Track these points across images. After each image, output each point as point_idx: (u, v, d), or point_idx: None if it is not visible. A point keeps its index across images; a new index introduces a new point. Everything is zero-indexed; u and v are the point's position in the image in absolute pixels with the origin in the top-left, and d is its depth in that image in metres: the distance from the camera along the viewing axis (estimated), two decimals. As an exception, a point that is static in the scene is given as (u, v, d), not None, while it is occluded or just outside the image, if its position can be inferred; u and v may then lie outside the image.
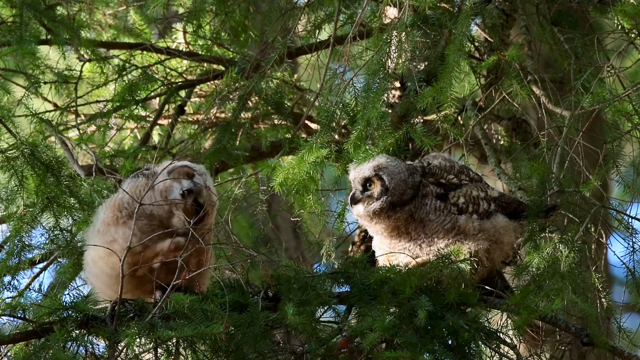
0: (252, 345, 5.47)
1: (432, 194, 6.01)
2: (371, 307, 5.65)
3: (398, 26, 6.57)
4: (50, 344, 5.43)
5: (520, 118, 7.96)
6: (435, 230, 5.95)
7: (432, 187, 6.03)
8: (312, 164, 6.31)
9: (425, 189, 6.02)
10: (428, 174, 6.09)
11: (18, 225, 6.62)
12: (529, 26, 7.28)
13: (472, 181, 6.15)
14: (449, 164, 6.16)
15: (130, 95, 7.99)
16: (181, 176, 5.73)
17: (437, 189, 6.04)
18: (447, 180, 6.10)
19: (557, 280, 5.79)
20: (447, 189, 6.05)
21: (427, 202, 5.99)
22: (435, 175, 6.10)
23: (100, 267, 5.69)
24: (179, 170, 5.76)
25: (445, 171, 6.12)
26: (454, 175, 6.13)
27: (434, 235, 5.94)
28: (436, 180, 6.08)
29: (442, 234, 5.95)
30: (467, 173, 6.18)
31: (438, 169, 6.11)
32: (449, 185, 6.07)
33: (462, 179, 6.13)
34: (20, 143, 6.66)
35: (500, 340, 5.77)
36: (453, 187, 6.07)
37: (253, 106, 8.05)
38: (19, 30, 7.45)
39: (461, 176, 6.14)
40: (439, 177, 6.09)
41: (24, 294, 6.07)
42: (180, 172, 5.75)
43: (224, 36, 8.31)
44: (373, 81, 6.46)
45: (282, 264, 5.88)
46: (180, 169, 5.76)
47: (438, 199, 6.00)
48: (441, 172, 6.11)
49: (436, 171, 6.11)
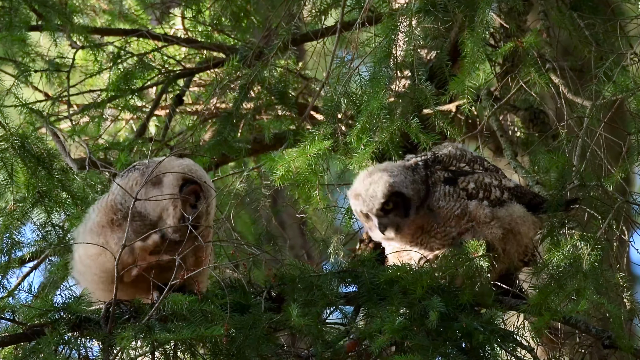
0: (254, 349, 5.46)
1: (440, 180, 6.00)
2: (380, 308, 5.64)
3: (406, 11, 6.55)
4: (41, 347, 5.41)
5: (538, 108, 7.95)
6: (447, 217, 5.93)
7: (439, 173, 6.02)
8: (314, 156, 6.29)
9: (433, 176, 6.00)
10: (434, 163, 6.06)
11: (7, 221, 6.62)
12: (547, 11, 7.27)
13: (487, 170, 6.13)
14: (460, 152, 6.15)
15: (125, 84, 7.99)
16: (189, 197, 5.68)
17: (446, 173, 6.02)
18: (457, 167, 6.08)
19: (579, 279, 5.76)
20: (457, 174, 6.04)
21: (436, 189, 5.98)
22: (442, 163, 6.08)
23: (89, 265, 5.67)
24: (191, 188, 5.69)
25: (454, 159, 6.12)
26: (465, 163, 6.12)
27: (446, 224, 5.93)
28: (444, 167, 6.06)
29: (454, 221, 5.93)
30: (482, 163, 6.17)
31: (446, 156, 6.11)
32: (459, 171, 6.06)
33: (475, 168, 6.11)
34: (10, 135, 6.65)
35: (516, 342, 5.75)
36: (464, 173, 6.05)
37: (255, 96, 8.03)
38: (8, 16, 7.45)
39: (474, 165, 6.13)
40: (448, 165, 6.08)
41: (13, 295, 6.06)
42: (190, 191, 5.69)
43: (224, 22, 8.31)
44: (379, 70, 6.44)
45: (286, 263, 5.87)
46: (190, 188, 5.69)
47: (446, 184, 5.99)
48: (450, 160, 6.11)
49: (444, 158, 6.09)
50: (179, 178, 5.65)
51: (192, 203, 5.65)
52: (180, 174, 5.67)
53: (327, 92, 6.79)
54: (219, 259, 6.70)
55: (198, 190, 5.68)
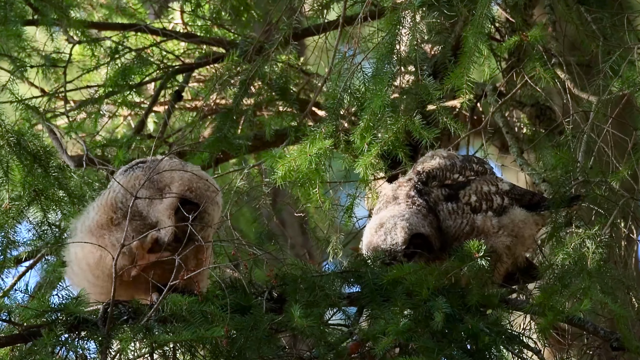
0: (255, 350, 5.45)
1: (440, 198, 5.96)
2: (384, 309, 5.62)
3: (408, 5, 6.53)
4: (37, 348, 5.40)
5: (544, 104, 7.94)
6: (456, 237, 5.90)
7: (437, 191, 5.98)
8: (315, 155, 6.27)
9: (431, 196, 5.97)
10: (429, 180, 6.03)
11: (3, 219, 6.61)
12: (553, 5, 7.26)
13: (478, 174, 6.10)
14: (449, 162, 6.11)
15: (123, 80, 7.99)
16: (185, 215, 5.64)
17: (444, 190, 5.99)
18: (452, 180, 6.05)
19: (584, 278, 5.75)
20: (455, 188, 6.01)
21: (439, 209, 5.95)
22: (437, 178, 6.04)
23: (84, 269, 5.65)
24: (188, 209, 5.64)
25: (447, 170, 6.07)
26: (457, 173, 6.08)
27: (456, 243, 5.89)
28: (441, 183, 6.03)
29: (463, 238, 5.89)
30: (471, 167, 6.12)
31: (438, 170, 6.06)
32: (456, 184, 6.03)
33: (467, 175, 6.08)
34: (5, 131, 6.64)
35: (523, 344, 5.73)
36: (461, 185, 6.02)
37: (256, 92, 8.03)
38: (3, 10, 7.44)
39: (465, 172, 6.10)
40: (443, 179, 6.04)
41: (9, 295, 6.05)
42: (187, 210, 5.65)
43: (224, 16, 8.31)
44: (382, 66, 6.42)
45: (287, 263, 5.85)
46: (187, 208, 5.65)
47: (448, 201, 5.95)
48: (443, 173, 6.06)
49: (437, 173, 6.05)
50: (177, 199, 5.60)
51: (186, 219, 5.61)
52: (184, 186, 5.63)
53: (329, 88, 6.77)
54: (219, 258, 6.68)
55: (195, 209, 5.63)
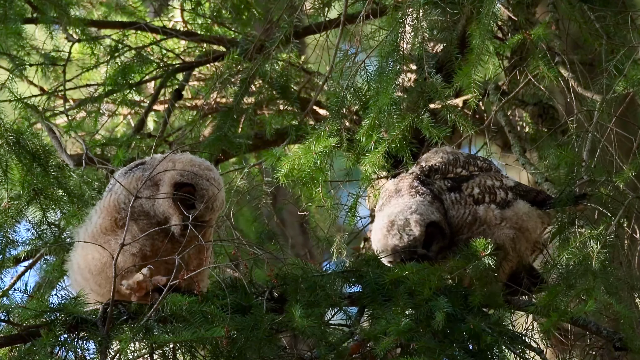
0: (256, 351, 5.44)
1: (443, 189, 5.96)
2: (385, 308, 5.62)
3: (412, 3, 6.52)
4: (36, 349, 5.40)
5: (547, 103, 7.94)
6: (459, 227, 5.90)
7: (440, 183, 5.99)
8: (320, 154, 6.27)
9: (434, 186, 5.97)
10: (432, 173, 6.03)
11: (2, 219, 6.62)
12: (556, 3, 7.26)
13: (482, 170, 6.10)
14: (453, 157, 6.12)
15: (123, 78, 7.99)
16: (187, 196, 5.63)
17: (446, 181, 5.99)
18: (455, 174, 6.05)
19: (589, 279, 5.74)
20: (458, 181, 6.01)
21: (442, 199, 5.94)
22: (440, 171, 6.04)
23: (91, 272, 5.65)
24: (185, 190, 5.63)
25: (450, 165, 6.08)
26: (461, 167, 6.08)
27: (458, 233, 5.89)
28: (443, 176, 6.03)
29: (466, 228, 5.89)
30: (475, 163, 6.13)
31: (442, 164, 6.06)
32: (458, 178, 6.03)
33: (471, 171, 6.08)
34: (5, 130, 6.64)
35: (525, 344, 5.72)
36: (464, 179, 6.02)
37: (256, 90, 8.03)
38: (3, 8, 7.45)
39: (469, 167, 6.10)
40: (445, 172, 6.05)
41: (7, 295, 6.04)
42: (185, 192, 5.64)
43: (225, 14, 8.31)
44: (386, 64, 6.41)
45: (288, 262, 5.84)
46: (184, 190, 5.64)
47: (451, 192, 5.95)
48: (446, 167, 6.07)
49: (440, 167, 6.05)
50: (172, 182, 5.61)
51: (189, 203, 5.61)
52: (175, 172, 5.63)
53: (331, 87, 6.77)
54: (219, 258, 6.68)
55: (192, 191, 5.63)
